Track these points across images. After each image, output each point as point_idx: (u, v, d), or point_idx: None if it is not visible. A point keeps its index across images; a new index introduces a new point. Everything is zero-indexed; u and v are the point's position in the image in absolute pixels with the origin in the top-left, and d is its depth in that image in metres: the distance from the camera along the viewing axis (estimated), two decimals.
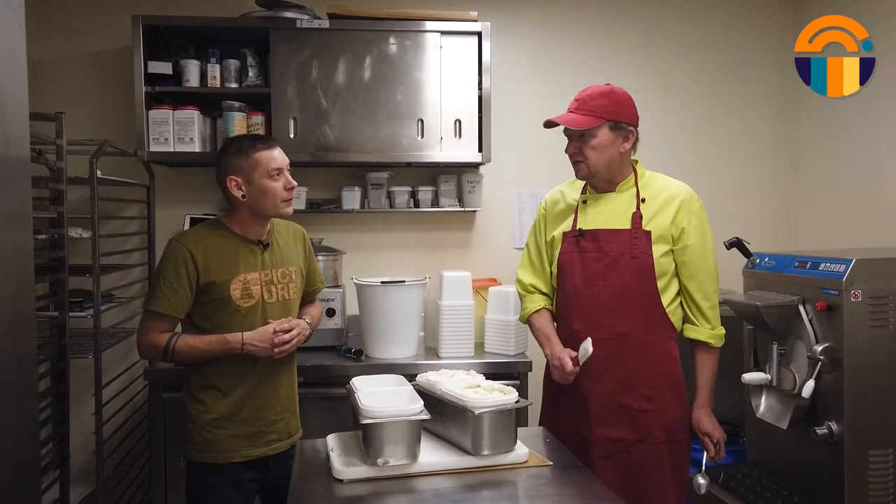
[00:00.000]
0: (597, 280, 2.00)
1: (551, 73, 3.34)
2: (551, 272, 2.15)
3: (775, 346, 2.08)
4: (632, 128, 2.03)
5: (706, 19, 3.45)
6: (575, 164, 2.04)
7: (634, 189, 2.04)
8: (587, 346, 1.87)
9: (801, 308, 2.02)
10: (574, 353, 1.94)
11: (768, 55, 3.43)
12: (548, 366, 2.13)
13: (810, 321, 1.99)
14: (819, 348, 1.92)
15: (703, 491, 1.99)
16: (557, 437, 1.95)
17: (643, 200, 2.02)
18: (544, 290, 2.18)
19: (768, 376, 2.10)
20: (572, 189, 2.16)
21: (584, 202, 2.09)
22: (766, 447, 2.25)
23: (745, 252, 2.28)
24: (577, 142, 2.01)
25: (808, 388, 1.92)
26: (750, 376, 2.13)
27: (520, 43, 3.36)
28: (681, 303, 2.03)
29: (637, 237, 1.97)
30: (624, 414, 1.97)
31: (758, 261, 2.27)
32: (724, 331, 2.03)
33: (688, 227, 1.98)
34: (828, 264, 1.96)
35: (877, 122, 2.89)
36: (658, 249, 1.97)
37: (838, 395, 1.91)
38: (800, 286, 2.04)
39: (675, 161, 3.46)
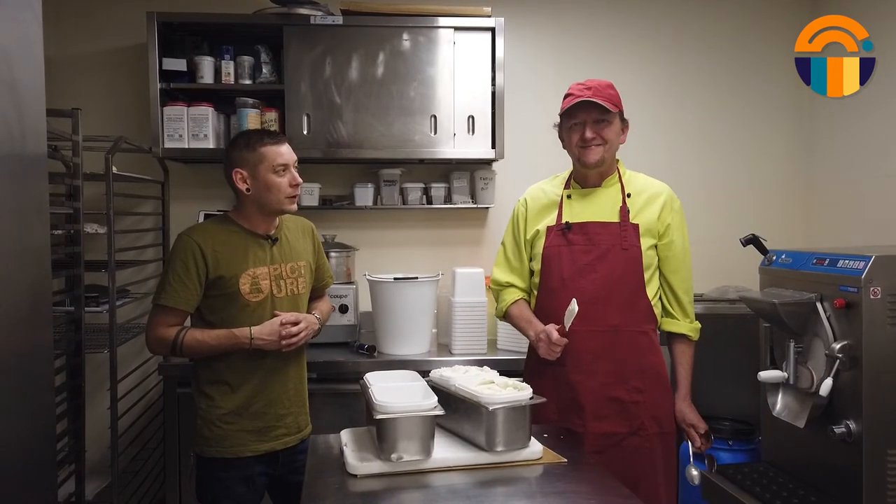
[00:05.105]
0: (587, 272, 2.02)
1: (565, 69, 3.32)
2: (531, 269, 2.16)
3: (792, 344, 2.06)
4: (628, 122, 2.11)
5: (721, 14, 3.42)
6: (590, 148, 2.03)
7: (619, 185, 2.10)
8: (572, 306, 1.85)
9: (818, 305, 1.99)
10: (558, 325, 1.93)
11: (785, 50, 3.38)
12: (529, 360, 2.15)
13: (828, 319, 1.97)
14: (837, 346, 1.90)
15: (696, 482, 2.03)
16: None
17: (628, 195, 2.07)
18: (521, 286, 2.20)
19: (785, 374, 2.07)
20: (553, 185, 2.20)
21: (569, 197, 2.12)
22: (782, 446, 2.22)
23: (762, 249, 2.26)
24: (595, 125, 2.03)
25: (826, 386, 1.90)
26: (766, 374, 2.11)
27: (533, 39, 3.35)
28: (660, 297, 2.09)
29: (626, 230, 2.03)
30: (616, 407, 1.99)
31: (774, 258, 2.24)
32: (700, 325, 2.12)
33: (672, 224, 2.07)
34: (846, 261, 1.93)
35: (894, 117, 2.85)
36: (645, 242, 2.03)
37: (857, 394, 1.88)
38: (817, 283, 2.01)
39: (692, 157, 3.44)
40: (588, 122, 2.03)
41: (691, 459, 2.06)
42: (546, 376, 2.04)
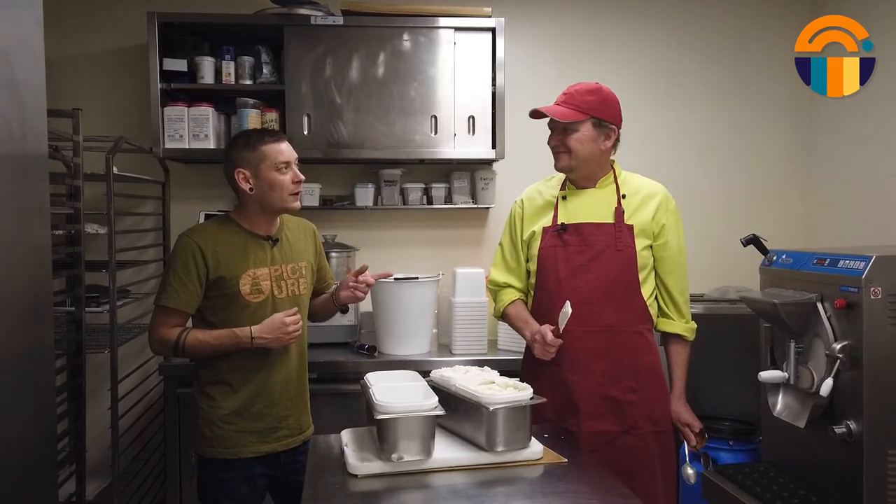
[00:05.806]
0: (582, 273, 2.03)
1: (565, 69, 3.32)
2: (528, 269, 2.17)
3: (793, 345, 2.06)
4: (614, 127, 2.06)
5: (721, 14, 3.42)
6: (556, 154, 2.07)
7: (614, 185, 2.10)
8: (566, 308, 1.85)
9: (819, 306, 1.99)
10: (553, 326, 1.93)
11: (785, 50, 3.38)
12: (526, 360, 2.15)
13: (828, 319, 1.97)
14: (838, 346, 1.90)
15: (693, 480, 2.07)
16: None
17: (623, 196, 2.07)
18: (518, 286, 2.20)
19: (785, 375, 2.07)
20: (549, 186, 2.20)
21: (564, 198, 2.12)
22: (782, 446, 2.23)
23: (762, 249, 2.26)
24: (560, 134, 2.04)
25: (827, 386, 1.90)
26: (767, 375, 2.11)
27: (534, 39, 3.35)
28: (656, 297, 2.10)
29: (620, 230, 2.03)
30: (610, 406, 2.00)
31: (775, 258, 2.24)
32: (695, 325, 2.13)
33: (667, 224, 2.07)
34: (847, 261, 1.93)
35: (894, 117, 2.85)
36: (640, 243, 2.04)
37: (857, 394, 1.88)
38: (818, 283, 2.01)
39: (692, 157, 3.44)
40: (555, 130, 2.06)
41: (687, 458, 2.07)
42: (543, 376, 2.04)
